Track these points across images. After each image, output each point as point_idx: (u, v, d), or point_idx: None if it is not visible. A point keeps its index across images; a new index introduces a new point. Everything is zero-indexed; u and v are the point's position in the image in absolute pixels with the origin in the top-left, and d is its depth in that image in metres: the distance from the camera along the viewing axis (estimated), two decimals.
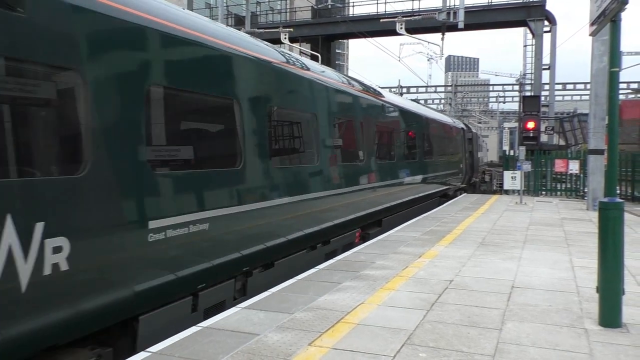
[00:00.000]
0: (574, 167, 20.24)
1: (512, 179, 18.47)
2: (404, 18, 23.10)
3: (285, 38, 24.49)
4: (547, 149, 24.23)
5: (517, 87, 48.42)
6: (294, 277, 6.85)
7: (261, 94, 6.87)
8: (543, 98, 28.99)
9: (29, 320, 3.69)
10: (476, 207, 16.41)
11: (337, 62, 51.91)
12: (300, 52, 25.63)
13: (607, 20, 5.14)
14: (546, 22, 28.17)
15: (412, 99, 20.37)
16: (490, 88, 62.31)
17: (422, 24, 24.38)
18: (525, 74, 40.64)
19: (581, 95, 48.86)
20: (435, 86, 60.89)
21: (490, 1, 29.71)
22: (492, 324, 5.09)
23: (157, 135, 5.09)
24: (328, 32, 32.77)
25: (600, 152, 15.17)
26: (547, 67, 28.18)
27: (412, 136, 14.88)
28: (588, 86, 22.45)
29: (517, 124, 41.37)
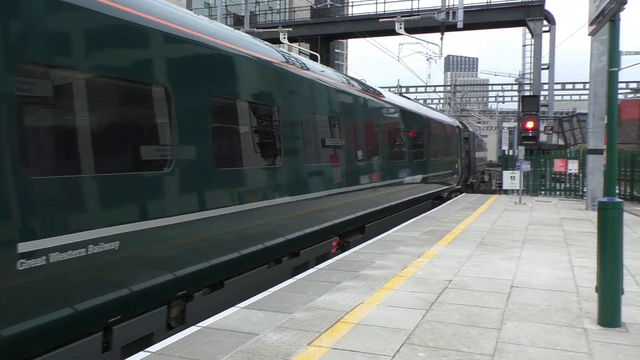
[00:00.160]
0: (573, 166, 20.26)
1: (511, 179, 18.48)
2: (403, 18, 23.08)
3: (285, 38, 24.47)
4: (546, 149, 24.22)
5: (516, 87, 48.45)
6: (252, 296, 6.04)
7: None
8: (542, 98, 28.99)
9: None
10: (475, 207, 16.41)
11: (336, 62, 51.93)
12: (300, 52, 25.63)
13: (606, 20, 5.14)
14: (545, 22, 28.18)
15: (408, 98, 18.86)
16: (490, 88, 62.42)
17: (421, 23, 24.35)
18: (524, 74, 40.61)
19: (580, 95, 48.91)
20: (435, 86, 61.04)
21: (489, 1, 29.71)
22: (492, 324, 5.09)
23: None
24: (327, 32, 32.76)
25: (599, 151, 15.19)
26: (546, 66, 28.18)
27: (400, 134, 13.77)
28: (587, 86, 22.44)
29: (516, 124, 41.38)
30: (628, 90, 44.06)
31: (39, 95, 4.00)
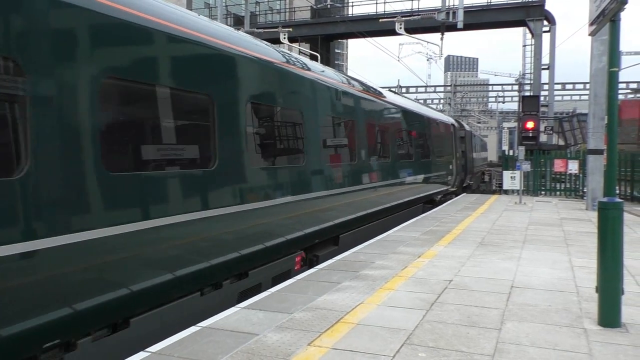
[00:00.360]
0: (573, 167, 20.26)
1: (512, 179, 18.48)
2: (403, 18, 23.10)
3: (285, 38, 24.49)
4: (546, 149, 24.22)
5: (516, 87, 48.46)
6: (169, 336, 4.83)
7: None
8: (542, 98, 28.98)
9: None
10: (475, 207, 16.41)
11: (336, 62, 51.93)
12: (300, 52, 25.63)
13: (606, 20, 5.14)
14: (545, 22, 28.18)
15: (397, 93, 16.55)
16: (490, 88, 62.41)
17: (421, 23, 24.36)
18: (524, 74, 40.62)
19: (580, 95, 48.92)
20: (435, 86, 61.02)
21: (489, 1, 29.71)
22: (492, 324, 5.09)
23: None
24: (327, 32, 32.77)
25: (599, 152, 15.19)
26: (547, 67, 28.18)
27: (384, 132, 12.28)
28: (587, 86, 22.46)
29: (516, 124, 41.38)
30: (628, 91, 44.08)
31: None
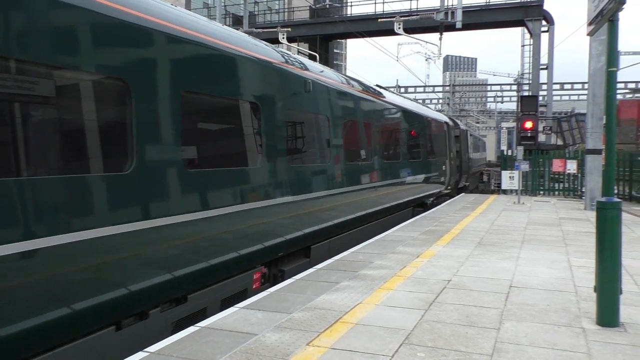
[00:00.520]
0: (571, 166, 20.28)
1: (510, 179, 18.50)
2: (402, 18, 23.10)
3: (284, 38, 24.48)
4: (544, 149, 24.25)
5: (514, 87, 48.54)
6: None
7: None
8: (541, 98, 29.00)
9: None
10: (474, 206, 16.42)
11: (335, 62, 51.94)
12: (298, 52, 25.62)
13: (604, 20, 5.14)
14: (544, 22, 28.21)
15: (383, 88, 14.68)
16: (488, 88, 62.39)
17: (420, 23, 24.37)
18: (523, 74, 40.68)
19: (579, 95, 48.97)
20: (434, 86, 61.07)
21: (488, 1, 29.73)
22: (490, 324, 5.09)
23: None
24: (326, 32, 32.77)
25: (598, 151, 15.20)
26: (545, 66, 28.21)
27: (367, 130, 11.11)
28: (586, 86, 22.47)
29: (515, 124, 41.41)
30: (627, 91, 44.13)
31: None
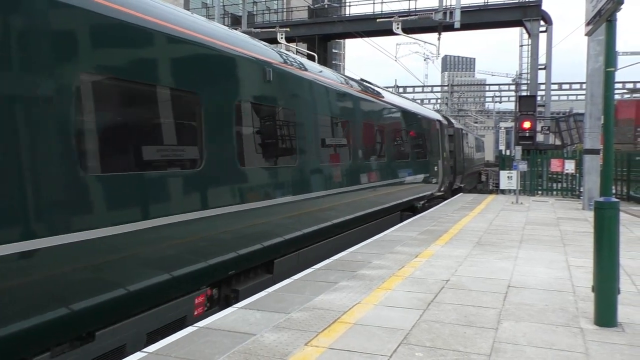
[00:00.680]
0: (569, 166, 20.31)
1: (509, 179, 18.51)
2: (401, 18, 23.13)
3: (282, 38, 24.48)
4: (543, 149, 24.29)
5: (513, 87, 48.56)
6: None
7: None
8: (539, 98, 29.04)
9: None
10: (472, 206, 16.43)
11: (333, 62, 51.93)
12: (297, 52, 25.61)
13: (602, 20, 5.15)
14: (542, 22, 28.26)
15: (367, 82, 13.52)
16: (487, 88, 62.45)
17: (419, 23, 24.38)
18: (521, 74, 40.76)
19: (577, 95, 49.07)
20: (432, 86, 61.12)
21: (486, 1, 29.77)
22: (489, 324, 5.10)
23: None
24: (324, 32, 32.79)
25: (596, 151, 15.22)
26: (543, 66, 28.27)
27: (346, 127, 9.98)
28: (584, 86, 22.49)
29: (513, 124, 41.46)
30: (624, 91, 44.20)
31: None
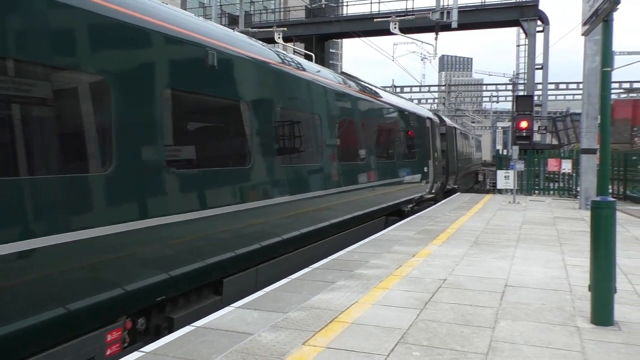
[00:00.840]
0: (566, 166, 20.36)
1: (505, 178, 18.56)
2: (398, 18, 23.17)
3: (279, 37, 24.47)
4: (540, 149, 24.35)
5: (510, 87, 48.66)
6: None
7: None
8: (536, 97, 29.12)
9: None
10: (470, 206, 16.46)
11: (331, 62, 51.95)
12: (294, 52, 25.61)
13: (599, 20, 5.16)
14: (539, 22, 28.33)
15: (350, 75, 12.59)
16: (484, 87, 62.56)
17: (416, 23, 24.44)
18: (518, 74, 40.81)
19: (574, 94, 49.20)
20: (429, 86, 61.13)
21: (483, 1, 29.81)
22: (486, 323, 5.11)
23: None
24: (322, 32, 32.80)
25: (592, 151, 15.26)
26: (540, 66, 28.33)
27: (312, 123, 8.78)
28: (580, 86, 22.59)
29: (510, 124, 41.52)
30: (621, 90, 44.31)
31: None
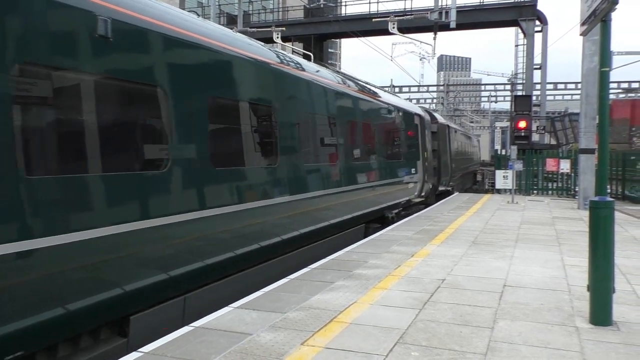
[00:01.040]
0: (565, 166, 20.39)
1: (504, 178, 18.57)
2: (396, 17, 23.14)
3: (278, 37, 24.45)
4: (538, 148, 24.37)
5: (508, 87, 48.67)
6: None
7: None
8: (534, 97, 29.15)
9: None
10: (468, 206, 16.47)
11: (329, 62, 51.94)
12: (293, 51, 25.60)
13: (597, 20, 5.17)
14: (537, 22, 28.34)
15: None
16: (482, 87, 62.62)
17: (414, 23, 24.43)
18: (516, 74, 40.82)
19: (572, 94, 49.19)
20: (428, 85, 61.25)
21: (482, 1, 29.83)
22: (484, 323, 5.11)
23: None
24: (320, 32, 32.79)
25: (591, 151, 15.28)
26: (539, 66, 28.33)
27: (274, 117, 7.54)
28: (579, 86, 22.56)
29: (508, 124, 41.55)
30: (619, 90, 44.36)
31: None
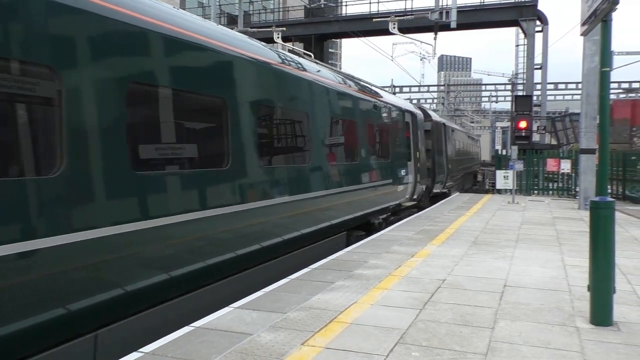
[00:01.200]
0: (565, 166, 20.39)
1: (505, 179, 18.57)
2: (397, 17, 23.15)
3: (278, 37, 24.45)
4: (539, 149, 24.37)
5: (509, 87, 48.69)
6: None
7: None
8: (535, 97, 29.15)
9: None
10: (469, 206, 16.46)
11: (330, 62, 51.96)
12: (289, 51, 25.61)
13: (598, 20, 5.16)
14: (538, 22, 28.35)
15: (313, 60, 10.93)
16: (483, 87, 62.61)
17: (415, 23, 24.45)
18: (517, 74, 40.86)
19: (573, 94, 49.19)
20: (428, 85, 61.26)
21: (482, 1, 29.85)
22: (485, 323, 5.10)
23: None
24: (321, 32, 32.81)
25: (591, 151, 15.28)
26: (539, 66, 28.35)
27: (242, 113, 6.53)
28: (579, 86, 22.57)
29: (509, 124, 41.54)
30: (620, 90, 44.36)
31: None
